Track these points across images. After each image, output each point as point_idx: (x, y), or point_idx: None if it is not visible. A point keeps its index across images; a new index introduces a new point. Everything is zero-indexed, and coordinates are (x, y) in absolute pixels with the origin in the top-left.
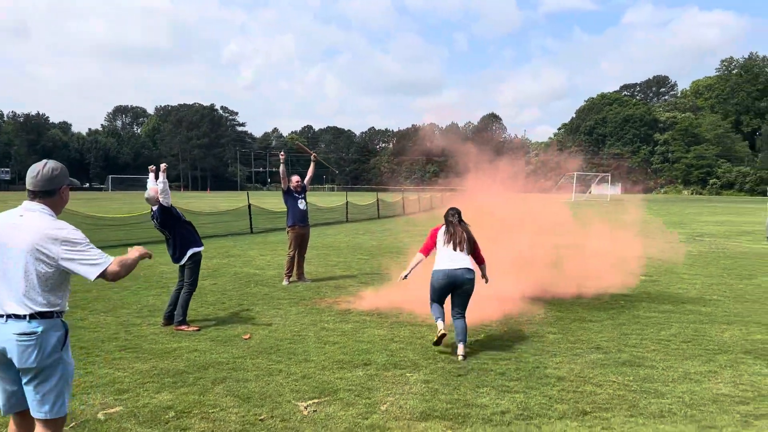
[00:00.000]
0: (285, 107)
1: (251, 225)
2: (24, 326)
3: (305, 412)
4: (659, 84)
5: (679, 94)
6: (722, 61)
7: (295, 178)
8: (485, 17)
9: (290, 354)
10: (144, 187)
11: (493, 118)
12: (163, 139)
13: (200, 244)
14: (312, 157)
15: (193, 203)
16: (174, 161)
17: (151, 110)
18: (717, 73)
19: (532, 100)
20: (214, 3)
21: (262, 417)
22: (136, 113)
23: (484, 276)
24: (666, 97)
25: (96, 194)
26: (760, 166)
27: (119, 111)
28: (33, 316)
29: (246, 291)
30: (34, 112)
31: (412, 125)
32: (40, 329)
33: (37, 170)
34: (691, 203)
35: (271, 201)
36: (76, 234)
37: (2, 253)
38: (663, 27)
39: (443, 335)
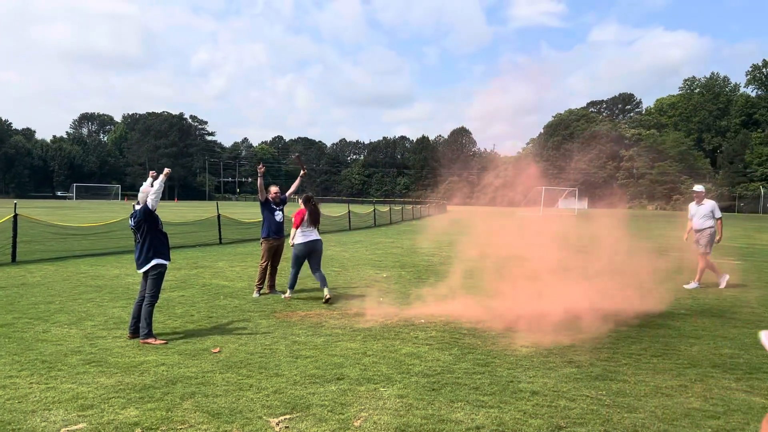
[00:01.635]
0: (255, 117)
1: (220, 235)
2: None
3: (277, 429)
4: (625, 101)
5: (643, 112)
6: (685, 80)
7: (273, 189)
8: (455, 32)
9: (261, 368)
10: (109, 196)
11: (463, 132)
12: (130, 147)
13: (167, 258)
14: (301, 174)
15: (161, 213)
16: (141, 170)
17: (118, 118)
18: (680, 92)
19: (501, 114)
20: (184, 10)
21: None
22: (102, 121)
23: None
24: (631, 114)
25: (60, 203)
26: (721, 183)
27: (85, 118)
28: None
29: (215, 303)
30: None
31: (383, 137)
32: None
33: None
34: (656, 218)
35: (241, 211)
36: None
37: None
38: (629, 45)
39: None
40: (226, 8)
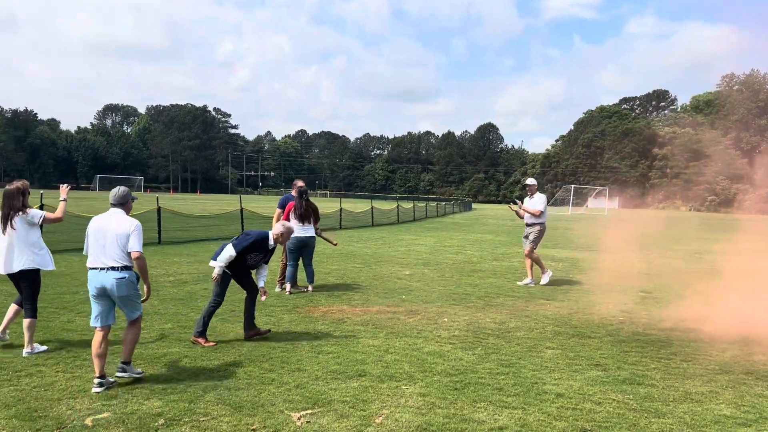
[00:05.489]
0: (278, 110)
1: (243, 229)
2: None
3: (298, 423)
4: (659, 98)
5: (678, 109)
6: (723, 76)
7: (298, 183)
8: (485, 24)
9: (283, 363)
10: (132, 188)
11: (490, 128)
12: (153, 139)
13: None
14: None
15: (184, 206)
16: (164, 162)
17: (142, 110)
18: (717, 89)
19: (530, 110)
20: (207, 1)
21: (254, 427)
22: (126, 112)
23: (317, 232)
24: (666, 111)
25: (83, 194)
26: (759, 185)
27: (109, 110)
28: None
29: (237, 297)
30: (21, 108)
31: (408, 132)
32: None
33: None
34: (690, 220)
35: (263, 205)
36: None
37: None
38: (665, 39)
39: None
40: None
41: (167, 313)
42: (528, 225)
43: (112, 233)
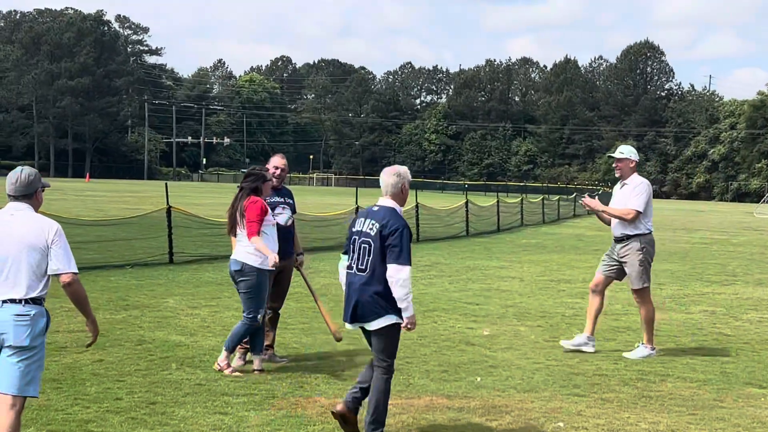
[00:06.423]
0: (237, 20)
1: (171, 248)
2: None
3: None
4: None
5: None
6: None
7: (275, 161)
8: None
9: None
10: None
11: (646, 50)
12: (5, 75)
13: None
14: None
15: (59, 203)
16: (23, 119)
17: None
18: None
19: (724, 16)
20: None
21: None
22: None
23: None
24: None
25: None
26: None
27: None
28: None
29: (161, 377)
30: None
31: (487, 61)
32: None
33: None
34: None
35: (210, 202)
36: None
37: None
38: None
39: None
40: None
41: (29, 406)
42: (617, 240)
43: (18, 244)
